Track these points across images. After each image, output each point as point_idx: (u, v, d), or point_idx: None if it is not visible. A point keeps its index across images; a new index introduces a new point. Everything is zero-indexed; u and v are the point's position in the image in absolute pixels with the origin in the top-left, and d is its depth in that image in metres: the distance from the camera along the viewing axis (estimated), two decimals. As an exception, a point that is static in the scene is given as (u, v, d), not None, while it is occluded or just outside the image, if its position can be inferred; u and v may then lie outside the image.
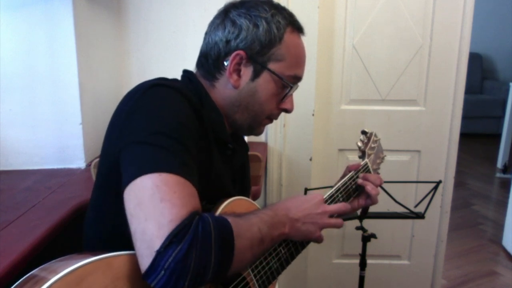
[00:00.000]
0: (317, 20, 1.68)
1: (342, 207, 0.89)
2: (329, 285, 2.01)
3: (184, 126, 0.67)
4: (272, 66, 0.80)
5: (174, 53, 1.63)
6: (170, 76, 0.84)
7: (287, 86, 0.82)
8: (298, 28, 0.84)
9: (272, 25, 0.79)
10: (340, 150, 1.89)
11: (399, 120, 1.87)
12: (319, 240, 0.86)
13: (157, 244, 0.55)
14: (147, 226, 0.57)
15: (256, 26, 0.78)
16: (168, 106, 0.68)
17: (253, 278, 0.78)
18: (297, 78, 0.84)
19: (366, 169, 1.10)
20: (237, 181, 0.91)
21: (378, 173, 1.18)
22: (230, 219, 0.64)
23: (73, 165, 1.33)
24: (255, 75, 0.80)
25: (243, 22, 0.78)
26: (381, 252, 1.95)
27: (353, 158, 1.84)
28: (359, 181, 1.01)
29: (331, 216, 0.87)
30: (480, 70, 5.45)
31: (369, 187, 0.99)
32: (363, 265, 1.48)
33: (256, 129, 0.88)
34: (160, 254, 0.55)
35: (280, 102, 0.84)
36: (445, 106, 1.85)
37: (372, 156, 1.14)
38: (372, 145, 1.16)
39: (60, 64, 1.27)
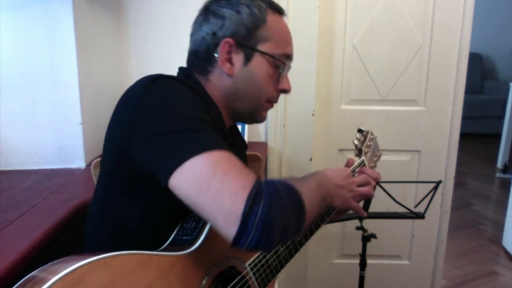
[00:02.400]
0: (317, 20, 1.68)
1: (363, 179, 0.93)
2: (329, 285, 2.01)
3: (202, 109, 0.69)
4: (261, 47, 0.80)
5: (174, 53, 1.63)
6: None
7: (280, 65, 0.82)
8: (278, 10, 0.84)
9: (253, 8, 0.80)
10: (340, 150, 1.89)
11: (399, 120, 1.87)
12: (358, 209, 0.89)
13: (240, 208, 0.56)
14: (222, 199, 0.58)
15: (239, 12, 0.79)
16: (179, 94, 0.69)
17: (252, 276, 0.78)
18: (288, 56, 0.84)
19: (362, 167, 1.11)
20: None
21: None
22: (289, 181, 0.67)
23: (73, 165, 1.33)
24: (247, 59, 0.80)
25: (225, 11, 0.80)
26: (381, 252, 1.95)
27: (353, 158, 1.84)
28: (356, 175, 1.02)
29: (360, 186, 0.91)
30: (480, 70, 5.45)
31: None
32: (363, 265, 1.48)
33: (259, 115, 0.87)
34: (247, 215, 0.56)
35: (277, 83, 0.85)
36: (445, 106, 1.85)
37: (368, 154, 1.15)
38: (369, 143, 1.16)
39: (60, 64, 1.27)
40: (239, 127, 1.37)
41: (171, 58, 1.64)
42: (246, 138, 1.65)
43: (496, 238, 2.80)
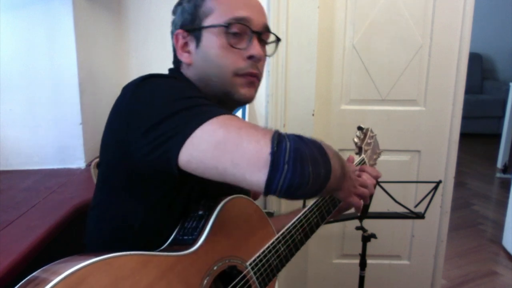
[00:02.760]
0: (317, 20, 1.68)
1: (365, 182, 0.92)
2: (329, 285, 2.01)
3: (196, 90, 0.71)
4: (206, 23, 0.79)
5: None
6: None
7: (231, 30, 0.77)
8: None
9: None
10: (340, 150, 1.89)
11: (399, 120, 1.87)
12: (358, 205, 0.87)
13: (266, 150, 0.55)
14: (245, 148, 0.56)
15: (181, 3, 0.83)
16: (169, 84, 0.69)
17: (253, 275, 0.78)
18: (239, 20, 0.78)
19: (362, 164, 1.11)
20: None
21: None
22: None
23: (73, 165, 1.33)
24: (197, 41, 0.80)
25: (175, 9, 0.85)
26: (381, 252, 1.95)
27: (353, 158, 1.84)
28: (356, 173, 1.03)
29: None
30: (480, 70, 5.45)
31: (365, 177, 0.99)
32: (363, 265, 1.48)
33: (236, 93, 0.80)
34: (276, 153, 0.55)
35: (242, 52, 0.78)
36: (445, 106, 1.84)
37: (368, 152, 1.15)
38: (369, 141, 1.16)
39: (60, 64, 1.27)
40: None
41: (171, 58, 1.63)
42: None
43: (496, 238, 2.80)
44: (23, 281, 0.55)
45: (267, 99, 1.72)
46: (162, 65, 1.66)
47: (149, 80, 0.70)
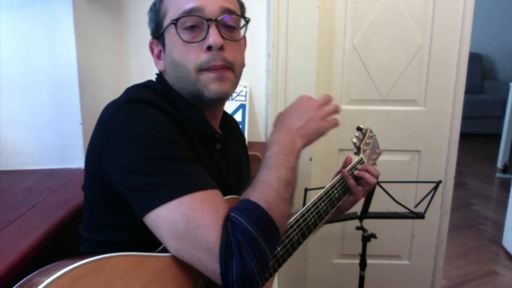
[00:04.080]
0: (317, 20, 1.68)
1: (324, 100, 0.87)
2: (329, 285, 2.01)
3: (172, 143, 0.66)
4: (164, 26, 0.78)
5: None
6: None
7: (185, 26, 0.74)
8: None
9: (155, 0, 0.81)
10: (340, 150, 1.89)
11: (399, 120, 1.86)
12: (330, 127, 0.86)
13: (217, 268, 0.59)
14: (199, 256, 0.61)
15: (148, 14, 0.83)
16: (147, 125, 0.66)
17: None
18: (187, 12, 0.74)
19: (361, 164, 1.11)
20: (230, 175, 0.87)
21: None
22: (252, 196, 0.65)
23: (73, 165, 1.32)
24: (163, 46, 0.79)
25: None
26: (381, 252, 1.95)
27: (353, 158, 1.84)
28: (356, 172, 1.04)
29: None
30: (480, 70, 5.45)
31: (367, 175, 1.02)
32: (363, 265, 1.48)
33: (205, 91, 0.75)
34: (224, 275, 0.59)
35: (201, 46, 0.74)
36: (445, 106, 1.84)
37: (367, 152, 1.14)
38: (368, 141, 1.16)
39: (60, 64, 1.27)
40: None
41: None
42: (246, 139, 1.65)
43: (496, 238, 2.80)
44: (16, 285, 0.55)
45: (267, 99, 1.72)
46: (162, 65, 1.66)
47: (129, 107, 0.68)
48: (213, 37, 0.73)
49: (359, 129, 1.17)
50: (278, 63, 1.68)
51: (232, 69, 0.77)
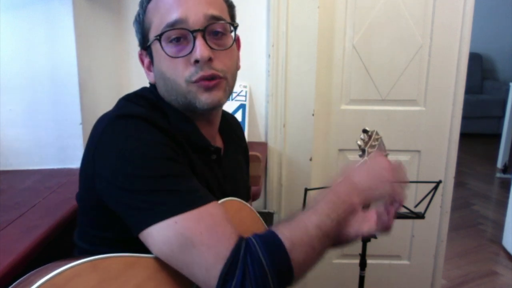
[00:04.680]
0: (317, 20, 1.68)
1: (404, 177, 0.81)
2: (329, 285, 2.01)
3: (165, 159, 0.64)
4: (150, 38, 0.76)
5: (174, 53, 1.63)
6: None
7: (170, 39, 0.71)
8: None
9: (139, 10, 0.80)
10: (340, 150, 1.89)
11: (399, 120, 1.86)
12: (394, 195, 0.77)
13: (213, 284, 0.57)
14: (195, 273, 0.59)
15: (133, 25, 0.81)
16: (140, 142, 0.64)
17: None
18: (171, 25, 0.71)
19: None
20: (228, 182, 0.85)
21: None
22: (281, 231, 0.62)
23: (73, 165, 1.32)
24: (151, 58, 0.78)
25: None
26: (381, 252, 1.95)
27: (354, 158, 1.84)
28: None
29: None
30: (480, 70, 5.44)
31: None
32: (363, 265, 1.48)
33: (197, 102, 0.72)
34: None
35: (188, 58, 0.71)
36: (445, 106, 1.84)
37: (372, 154, 1.14)
38: (373, 143, 1.15)
39: (60, 64, 1.27)
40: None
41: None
42: (246, 139, 1.64)
43: (496, 238, 2.80)
44: (12, 284, 0.55)
45: (267, 99, 1.72)
46: (162, 65, 1.66)
47: (120, 123, 0.66)
48: (200, 50, 0.69)
49: (364, 131, 1.16)
50: (278, 63, 1.68)
51: (223, 77, 0.74)
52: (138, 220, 0.61)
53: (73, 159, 1.33)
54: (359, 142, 1.14)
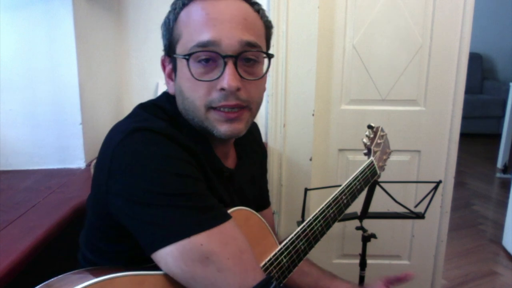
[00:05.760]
0: (317, 20, 1.68)
1: None
2: (329, 285, 2.01)
3: (183, 176, 0.61)
4: (177, 51, 0.70)
5: (174, 53, 1.63)
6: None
7: (198, 59, 0.67)
8: None
9: (169, 14, 0.72)
10: (340, 150, 1.89)
11: (399, 120, 1.86)
12: None
13: None
14: None
15: (161, 28, 0.75)
16: (159, 158, 0.61)
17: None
18: (202, 44, 0.66)
19: (371, 168, 1.09)
20: (238, 198, 0.83)
21: (383, 170, 1.16)
22: None
23: (73, 165, 1.33)
24: (174, 70, 0.72)
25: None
26: (381, 252, 1.95)
27: (353, 158, 1.84)
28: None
29: None
30: (480, 70, 5.44)
31: None
32: (363, 265, 1.48)
33: (214, 130, 0.69)
34: None
35: (214, 82, 0.67)
36: (445, 106, 1.84)
37: (378, 154, 1.13)
38: (379, 141, 1.14)
39: (60, 64, 1.27)
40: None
41: (171, 58, 1.64)
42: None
43: (496, 238, 2.80)
44: None
45: (267, 99, 1.72)
46: (162, 65, 1.66)
47: (135, 136, 0.62)
48: (229, 79, 0.65)
49: (370, 127, 1.14)
50: (278, 63, 1.68)
51: (247, 107, 0.70)
52: (155, 238, 0.58)
53: (73, 159, 1.33)
54: (364, 140, 1.13)
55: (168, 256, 0.57)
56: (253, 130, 0.97)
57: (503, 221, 2.79)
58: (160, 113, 0.72)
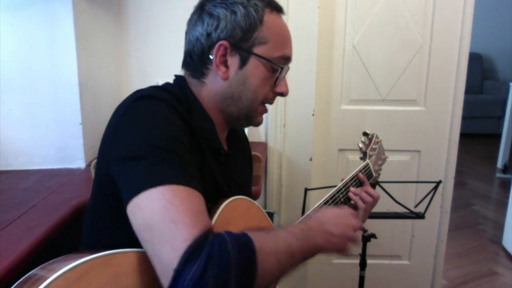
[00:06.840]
0: (317, 20, 1.68)
1: (361, 225, 0.89)
2: (329, 285, 2.01)
3: (175, 137, 0.67)
4: (257, 50, 0.77)
5: (174, 53, 1.63)
6: (168, 75, 0.84)
7: (277, 68, 0.79)
8: (276, 8, 0.80)
9: (249, 8, 0.76)
10: (340, 150, 1.89)
11: (399, 120, 1.87)
12: (347, 252, 0.83)
13: (174, 263, 0.55)
14: (162, 250, 0.57)
15: (234, 13, 0.75)
16: (156, 118, 0.67)
17: None
18: (286, 59, 0.81)
19: (367, 170, 1.10)
20: (234, 186, 0.87)
21: (379, 174, 1.18)
22: (253, 234, 0.63)
23: (73, 165, 1.33)
24: (243, 62, 0.78)
25: (220, 11, 0.76)
26: (381, 252, 1.95)
27: (353, 158, 1.84)
28: (350, 194, 1.03)
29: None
30: (480, 70, 5.45)
31: (357, 199, 1.03)
32: (363, 265, 1.48)
33: (254, 119, 0.84)
34: (178, 273, 0.55)
35: (274, 86, 0.82)
36: (445, 106, 1.85)
37: (373, 157, 1.14)
38: (374, 146, 1.16)
39: (60, 64, 1.27)
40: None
41: (171, 58, 1.64)
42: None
43: (496, 238, 2.80)
44: (20, 280, 0.55)
45: (267, 99, 1.72)
46: (162, 65, 1.67)
47: (141, 102, 0.70)
48: (287, 86, 0.83)
49: (365, 134, 1.17)
50: (278, 63, 1.68)
51: None
52: (131, 186, 0.62)
53: (73, 159, 1.33)
54: (360, 145, 1.14)
55: (136, 207, 0.60)
56: (241, 134, 1.01)
57: (503, 221, 2.80)
58: (164, 92, 0.76)
